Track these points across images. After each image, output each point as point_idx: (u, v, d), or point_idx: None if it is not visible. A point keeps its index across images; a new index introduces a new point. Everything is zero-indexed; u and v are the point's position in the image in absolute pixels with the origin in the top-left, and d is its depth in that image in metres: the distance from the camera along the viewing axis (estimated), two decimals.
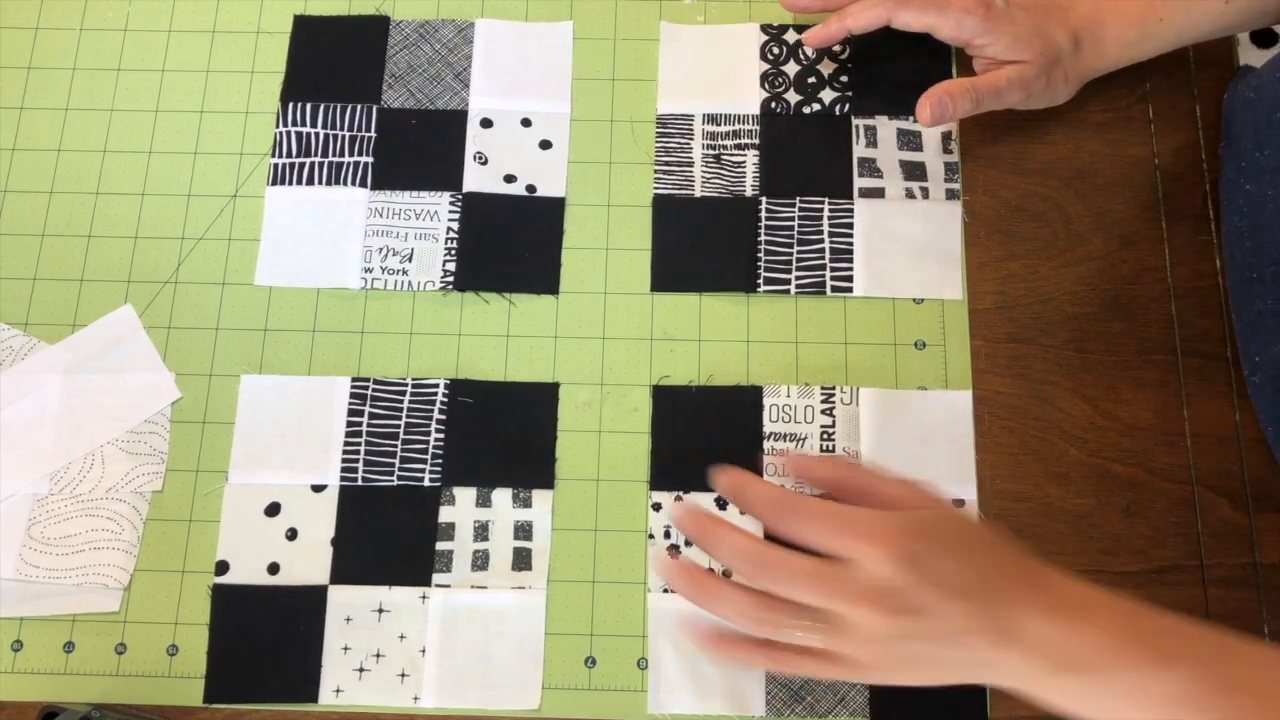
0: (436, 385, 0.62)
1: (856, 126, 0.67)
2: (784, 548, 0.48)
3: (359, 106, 0.67)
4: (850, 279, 0.64)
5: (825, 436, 0.61)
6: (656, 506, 0.60)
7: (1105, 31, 0.62)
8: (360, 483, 0.61)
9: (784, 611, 0.47)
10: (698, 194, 0.66)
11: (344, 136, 0.67)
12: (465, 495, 0.60)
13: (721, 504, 0.60)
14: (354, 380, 0.62)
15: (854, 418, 0.61)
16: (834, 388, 0.62)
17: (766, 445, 0.61)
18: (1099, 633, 0.45)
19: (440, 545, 0.59)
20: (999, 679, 0.47)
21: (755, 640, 0.49)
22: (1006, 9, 0.61)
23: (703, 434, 0.61)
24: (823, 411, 0.61)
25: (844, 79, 0.68)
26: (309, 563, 0.59)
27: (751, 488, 0.50)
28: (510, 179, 0.66)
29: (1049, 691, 0.46)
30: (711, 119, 0.67)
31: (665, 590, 0.58)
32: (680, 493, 0.60)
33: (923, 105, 0.61)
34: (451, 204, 0.66)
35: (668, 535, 0.59)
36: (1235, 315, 0.61)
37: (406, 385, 0.62)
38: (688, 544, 0.59)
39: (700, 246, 0.65)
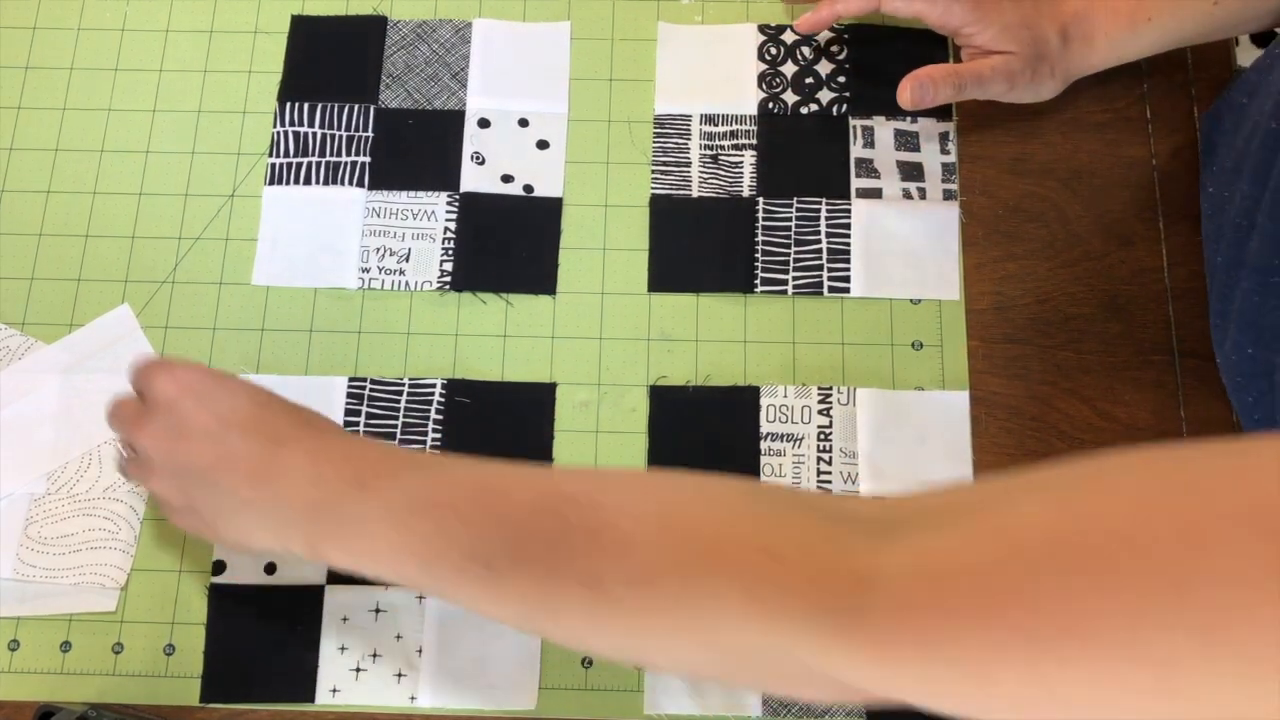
0: (434, 385, 0.62)
1: (854, 127, 0.67)
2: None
3: (356, 106, 0.67)
4: (847, 279, 0.64)
5: (822, 436, 0.61)
6: None
7: (1094, 28, 0.62)
8: None
9: (120, 451, 0.52)
10: (695, 194, 0.66)
11: (341, 136, 0.67)
12: None
13: None
14: (351, 380, 0.62)
15: (851, 418, 0.61)
16: (831, 388, 0.62)
17: (764, 445, 0.61)
18: (349, 469, 0.45)
19: None
20: (287, 535, 0.47)
21: None
22: None
23: (700, 434, 0.61)
24: (820, 412, 0.61)
25: (841, 79, 0.68)
26: (306, 563, 0.59)
27: None
28: (508, 179, 0.66)
29: (311, 543, 0.46)
30: (709, 119, 0.67)
31: None
32: None
33: (904, 87, 0.61)
34: (449, 204, 0.66)
35: None
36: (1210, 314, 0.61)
37: (404, 385, 0.62)
38: None
39: (698, 247, 0.65)
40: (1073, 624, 0.29)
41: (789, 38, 0.69)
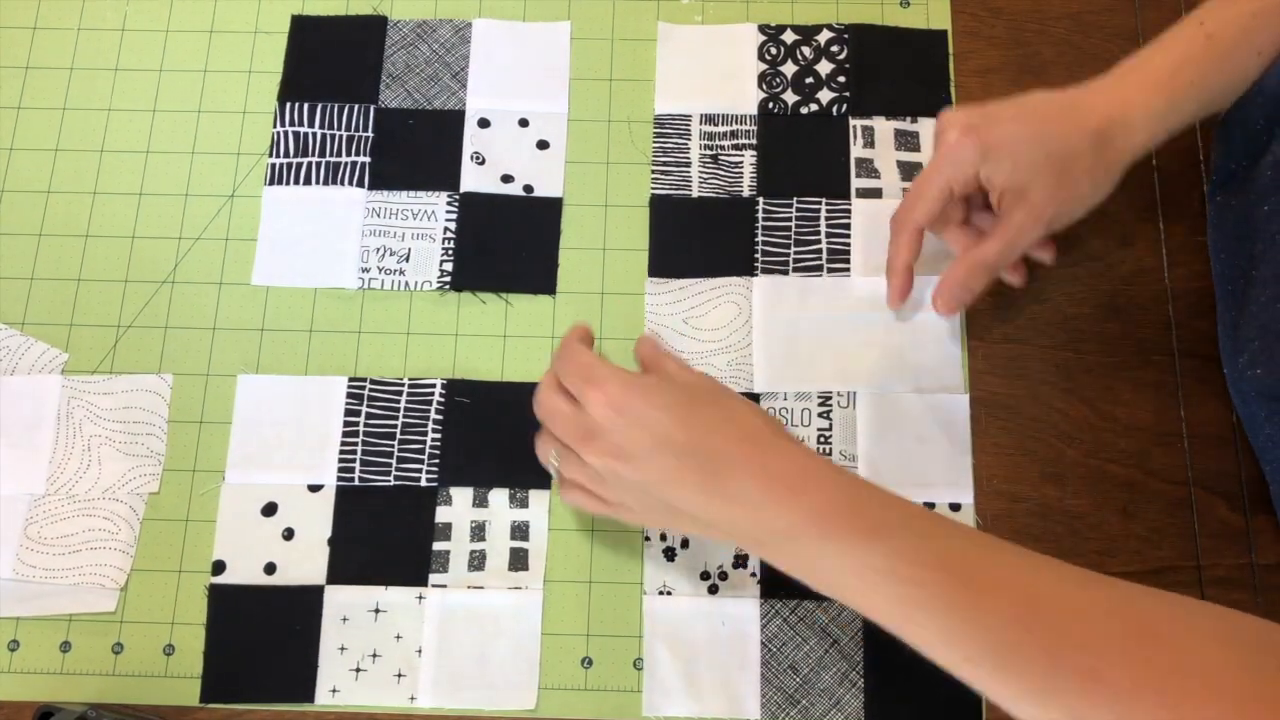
0: (433, 385, 0.62)
1: (854, 127, 0.67)
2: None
3: (356, 106, 0.67)
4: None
5: (822, 439, 0.61)
6: None
7: (1132, 114, 0.56)
8: (357, 483, 0.61)
9: (549, 445, 0.53)
10: (695, 194, 0.66)
11: (341, 136, 0.67)
12: (462, 495, 0.60)
13: None
14: (351, 380, 0.62)
15: (851, 420, 0.61)
16: (831, 390, 0.62)
17: None
18: (806, 508, 0.46)
19: (437, 545, 0.59)
20: (736, 539, 0.50)
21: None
22: (988, 122, 0.56)
23: None
24: (820, 414, 0.61)
25: (841, 79, 0.68)
26: (306, 563, 0.59)
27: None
28: (508, 179, 0.66)
29: (769, 553, 0.49)
30: (709, 119, 0.67)
31: (661, 592, 0.58)
32: None
33: (934, 302, 0.59)
34: (449, 204, 0.66)
35: (664, 537, 0.59)
36: (1219, 323, 0.61)
37: (403, 385, 0.62)
38: (684, 545, 0.59)
39: (698, 247, 0.65)
40: None
41: (789, 37, 0.69)
